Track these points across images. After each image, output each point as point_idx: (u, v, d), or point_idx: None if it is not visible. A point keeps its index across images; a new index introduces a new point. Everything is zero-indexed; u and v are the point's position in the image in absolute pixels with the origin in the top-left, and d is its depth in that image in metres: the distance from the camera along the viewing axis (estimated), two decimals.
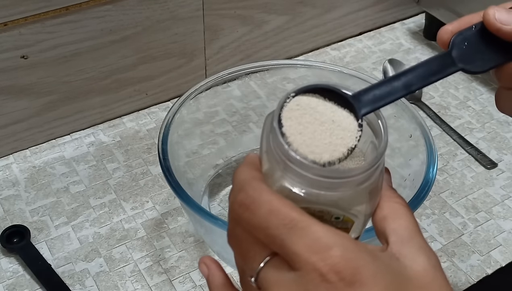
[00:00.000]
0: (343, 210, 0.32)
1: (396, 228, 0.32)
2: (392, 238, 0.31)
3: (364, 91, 0.33)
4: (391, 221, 0.32)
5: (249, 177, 0.32)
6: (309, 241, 0.28)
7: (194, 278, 0.57)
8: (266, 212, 0.29)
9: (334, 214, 0.32)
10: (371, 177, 0.32)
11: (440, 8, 0.83)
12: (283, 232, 0.29)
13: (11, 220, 0.61)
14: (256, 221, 0.30)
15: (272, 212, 0.29)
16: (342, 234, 0.29)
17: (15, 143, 0.68)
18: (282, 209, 0.29)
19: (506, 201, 0.65)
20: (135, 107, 0.75)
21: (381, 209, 0.33)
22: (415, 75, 0.34)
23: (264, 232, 0.30)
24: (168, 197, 0.64)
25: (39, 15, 0.62)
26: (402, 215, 0.32)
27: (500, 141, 0.73)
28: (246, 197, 0.30)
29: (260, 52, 0.81)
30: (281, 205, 0.30)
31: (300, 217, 0.29)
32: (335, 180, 0.31)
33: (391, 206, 0.33)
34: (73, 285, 0.56)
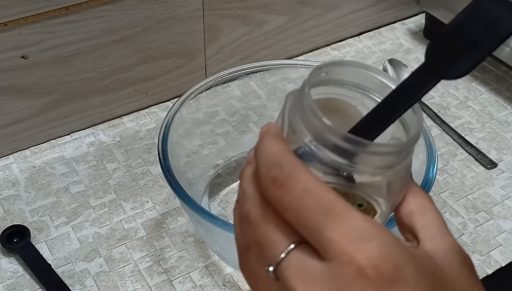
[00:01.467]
0: (369, 195, 0.31)
1: (426, 224, 0.30)
2: (423, 235, 0.29)
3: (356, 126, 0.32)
4: (420, 216, 0.30)
5: (281, 150, 0.28)
6: (346, 228, 0.26)
7: (194, 278, 0.57)
8: (302, 190, 0.27)
9: (358, 200, 0.31)
10: (399, 164, 0.30)
11: (440, 8, 0.83)
12: (318, 214, 0.26)
13: (11, 220, 0.61)
14: (289, 199, 0.27)
15: (308, 191, 0.27)
16: (382, 227, 0.26)
17: (15, 143, 0.68)
18: (319, 190, 0.27)
19: (506, 201, 0.65)
20: (135, 107, 0.75)
21: (407, 204, 0.31)
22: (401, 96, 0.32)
23: (296, 213, 0.27)
24: (168, 197, 0.64)
25: (39, 15, 0.62)
26: (430, 210, 0.31)
27: (500, 142, 0.72)
28: (281, 173, 0.27)
29: (260, 52, 0.81)
30: (318, 185, 0.27)
31: (338, 201, 0.26)
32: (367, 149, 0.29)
33: (418, 201, 0.31)
34: (73, 285, 0.56)
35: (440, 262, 0.28)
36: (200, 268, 0.58)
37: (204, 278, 0.57)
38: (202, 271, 0.57)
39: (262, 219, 0.28)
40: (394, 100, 0.32)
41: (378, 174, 0.30)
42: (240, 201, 0.31)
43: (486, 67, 0.84)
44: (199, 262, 0.58)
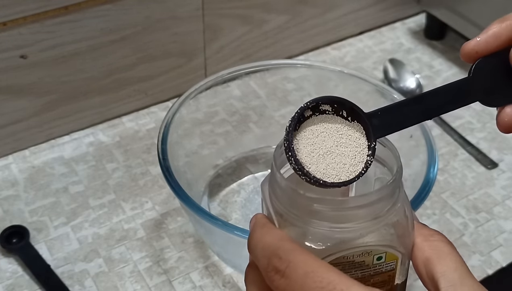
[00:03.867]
0: (383, 244, 0.31)
1: (445, 271, 0.29)
2: (443, 284, 0.28)
3: (381, 112, 0.32)
4: (437, 263, 0.29)
5: (275, 238, 0.29)
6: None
7: (194, 279, 0.57)
8: (303, 275, 0.27)
9: (375, 253, 0.31)
10: (396, 203, 0.31)
11: (440, 7, 0.83)
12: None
13: (10, 220, 0.61)
14: (293, 286, 0.27)
15: (309, 274, 0.27)
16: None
17: (14, 143, 0.68)
18: (318, 270, 0.27)
19: (506, 201, 0.65)
20: (134, 107, 0.75)
21: (421, 251, 0.30)
22: (434, 102, 0.33)
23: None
24: (167, 197, 0.64)
25: (39, 14, 0.61)
26: (447, 254, 0.30)
27: (501, 142, 0.72)
28: (281, 262, 0.27)
29: (260, 52, 0.81)
30: (318, 266, 0.27)
31: (339, 279, 0.26)
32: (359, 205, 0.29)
33: (432, 245, 0.30)
34: (73, 285, 0.56)
35: None
36: (200, 269, 0.57)
37: (204, 278, 0.57)
38: (202, 272, 0.57)
39: None
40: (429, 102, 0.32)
41: (379, 222, 0.30)
42: None
43: None
44: (198, 263, 0.58)
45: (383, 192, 0.30)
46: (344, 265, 0.31)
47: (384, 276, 0.32)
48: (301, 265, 0.27)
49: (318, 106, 0.31)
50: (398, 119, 0.32)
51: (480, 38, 0.34)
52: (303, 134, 0.31)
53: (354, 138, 0.31)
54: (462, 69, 0.83)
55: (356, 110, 0.31)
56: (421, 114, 0.33)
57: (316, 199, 0.30)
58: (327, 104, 0.31)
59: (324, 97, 0.31)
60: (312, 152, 0.31)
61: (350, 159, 0.31)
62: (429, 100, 0.33)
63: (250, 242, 0.30)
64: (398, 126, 0.32)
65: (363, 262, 0.31)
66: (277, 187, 0.31)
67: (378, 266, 0.31)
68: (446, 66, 0.84)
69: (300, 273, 0.27)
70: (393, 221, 0.31)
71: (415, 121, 0.33)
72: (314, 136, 0.31)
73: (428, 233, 0.31)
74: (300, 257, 0.27)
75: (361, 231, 0.30)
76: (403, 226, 0.31)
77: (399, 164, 0.32)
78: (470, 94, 0.33)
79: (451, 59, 0.85)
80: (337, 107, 0.31)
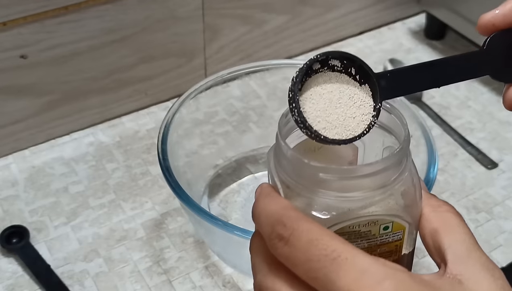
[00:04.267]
0: (390, 214, 0.30)
1: (452, 243, 0.29)
2: (450, 256, 0.28)
3: (390, 74, 0.31)
4: (444, 235, 0.29)
5: (279, 207, 0.28)
6: (355, 274, 0.25)
7: (194, 279, 0.57)
8: (307, 242, 0.26)
9: (381, 223, 0.30)
10: (403, 173, 0.30)
11: (440, 7, 0.83)
12: (326, 264, 0.25)
13: (10, 220, 0.61)
14: (297, 254, 0.26)
15: (312, 242, 0.26)
16: (393, 265, 0.26)
17: (14, 143, 0.68)
18: (323, 238, 0.26)
19: (506, 201, 0.65)
20: (134, 107, 0.75)
21: (429, 221, 0.30)
22: (445, 70, 0.32)
23: (305, 266, 0.26)
24: (167, 197, 0.64)
25: (39, 14, 0.61)
26: (455, 226, 0.29)
27: (501, 142, 0.72)
28: (285, 229, 0.27)
29: (260, 52, 0.81)
30: (322, 234, 0.26)
31: (343, 247, 0.26)
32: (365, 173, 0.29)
33: (440, 216, 0.30)
34: (73, 285, 0.56)
35: (469, 285, 0.27)
36: (200, 269, 0.57)
37: (204, 278, 0.57)
38: (202, 272, 0.57)
39: (274, 287, 0.28)
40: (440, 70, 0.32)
41: (386, 191, 0.30)
42: (253, 278, 0.30)
43: None
44: (198, 263, 0.58)
45: (390, 160, 0.30)
46: (350, 235, 0.30)
47: (391, 246, 0.32)
48: (305, 233, 0.26)
49: (328, 61, 0.31)
50: (407, 83, 0.32)
51: (498, 10, 0.33)
52: (309, 89, 0.31)
53: (361, 99, 0.31)
54: None
55: (365, 69, 0.31)
56: (431, 81, 0.32)
57: (321, 167, 0.29)
58: (337, 59, 0.31)
59: (335, 52, 0.31)
60: (316, 108, 0.30)
61: (354, 118, 0.30)
62: (440, 68, 0.32)
63: (254, 210, 0.30)
64: (406, 90, 0.32)
65: (369, 232, 0.30)
66: (282, 156, 0.31)
67: (384, 236, 0.31)
68: None
69: (304, 240, 0.26)
70: (400, 190, 0.30)
71: (423, 87, 0.33)
72: (320, 93, 0.31)
73: (436, 204, 0.31)
74: (304, 225, 0.27)
75: (367, 200, 0.30)
76: (411, 195, 0.31)
77: (406, 132, 0.31)
78: (482, 67, 0.33)
79: None
80: (346, 64, 0.31)
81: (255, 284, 0.29)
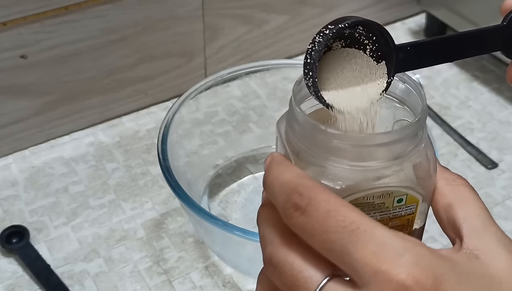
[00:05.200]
0: (404, 186, 0.29)
1: (467, 217, 0.28)
2: (465, 230, 0.28)
3: (410, 47, 0.31)
4: (459, 209, 0.28)
5: (295, 175, 0.27)
6: (375, 246, 0.24)
7: (194, 279, 0.57)
8: (324, 212, 0.25)
9: (395, 195, 0.29)
10: (418, 145, 0.30)
11: (440, 7, 0.83)
12: (344, 236, 0.25)
13: (10, 220, 0.61)
14: (313, 224, 0.25)
15: (330, 212, 0.25)
16: (412, 239, 0.25)
17: (14, 143, 0.68)
18: (341, 209, 0.25)
19: (507, 201, 0.65)
20: (134, 107, 0.75)
21: (443, 195, 0.29)
22: (463, 45, 0.32)
23: (322, 237, 0.25)
24: (167, 197, 0.64)
25: (39, 14, 0.61)
26: (470, 200, 0.29)
27: (501, 142, 0.72)
28: (301, 199, 0.26)
29: (260, 52, 0.81)
30: (340, 204, 0.26)
31: (363, 219, 0.25)
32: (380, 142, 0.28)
33: (454, 190, 0.29)
34: (73, 285, 0.56)
35: (486, 260, 0.27)
36: (200, 269, 0.57)
37: (204, 278, 0.57)
38: (202, 272, 0.57)
39: (286, 259, 0.27)
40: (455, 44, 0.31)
41: (401, 163, 0.29)
42: (262, 250, 0.29)
43: (487, 67, 0.84)
44: (199, 263, 0.58)
45: (406, 131, 0.29)
46: (363, 206, 0.30)
47: (403, 220, 0.31)
48: (323, 204, 0.26)
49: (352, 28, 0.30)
50: (423, 57, 0.31)
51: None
52: (325, 60, 0.30)
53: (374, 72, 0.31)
54: (462, 69, 0.83)
55: (385, 39, 0.30)
56: (446, 56, 0.32)
57: (337, 134, 0.28)
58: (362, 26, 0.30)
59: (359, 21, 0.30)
60: (329, 79, 0.30)
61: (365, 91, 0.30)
62: (458, 42, 0.32)
63: (266, 179, 0.28)
64: (421, 64, 0.31)
65: (383, 204, 0.30)
66: (295, 123, 0.30)
67: (398, 208, 0.30)
68: (446, 66, 0.84)
69: (322, 211, 0.25)
70: (415, 162, 0.30)
71: (438, 61, 0.32)
72: (336, 64, 0.30)
73: (451, 177, 0.30)
74: (322, 195, 0.26)
75: (383, 170, 0.29)
76: (426, 168, 0.30)
77: (424, 104, 0.31)
78: (497, 42, 0.33)
79: None
80: (366, 32, 0.30)
81: (265, 256, 0.28)
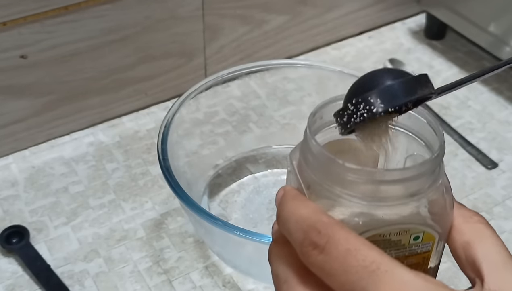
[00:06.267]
0: (420, 223, 0.29)
1: (486, 255, 0.28)
2: (486, 269, 0.27)
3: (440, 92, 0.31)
4: (478, 247, 0.28)
5: (310, 211, 0.27)
6: (396, 287, 0.24)
7: (194, 279, 0.57)
8: (344, 252, 0.25)
9: (412, 232, 0.29)
10: (436, 181, 0.29)
11: (440, 7, 0.83)
12: (364, 276, 0.24)
13: (10, 220, 0.61)
14: (333, 264, 0.25)
15: (351, 251, 0.25)
16: (433, 280, 0.24)
17: (14, 143, 0.68)
18: (362, 248, 0.25)
19: (506, 201, 0.65)
20: (134, 107, 0.75)
21: (461, 233, 0.29)
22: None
23: (342, 278, 0.25)
24: (167, 197, 0.64)
25: (39, 14, 0.61)
26: (488, 237, 0.29)
27: (501, 142, 0.72)
28: (320, 237, 0.25)
29: (260, 52, 0.81)
30: (360, 243, 0.25)
31: (381, 258, 0.25)
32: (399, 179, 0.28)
33: (472, 227, 0.29)
34: (73, 285, 0.56)
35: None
36: (200, 269, 0.57)
37: (204, 278, 0.57)
38: (202, 272, 0.57)
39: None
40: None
41: (419, 199, 0.29)
42: (276, 289, 0.28)
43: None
44: (199, 263, 0.58)
45: (425, 167, 0.29)
46: (379, 243, 0.29)
47: (418, 258, 0.31)
48: (342, 242, 0.25)
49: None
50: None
51: None
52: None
53: None
54: (462, 69, 0.83)
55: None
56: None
57: (354, 169, 0.28)
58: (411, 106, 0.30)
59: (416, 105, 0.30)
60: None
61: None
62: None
63: (280, 214, 0.28)
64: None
65: (399, 241, 0.29)
66: (310, 155, 0.29)
67: (414, 246, 0.30)
68: (446, 66, 0.84)
69: (341, 250, 0.25)
70: (432, 199, 0.29)
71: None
72: None
73: (468, 214, 0.30)
74: (341, 233, 0.25)
75: (401, 207, 0.28)
76: (443, 205, 0.30)
77: (442, 139, 0.30)
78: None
79: (451, 59, 0.85)
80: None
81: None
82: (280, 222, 0.28)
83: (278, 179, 0.65)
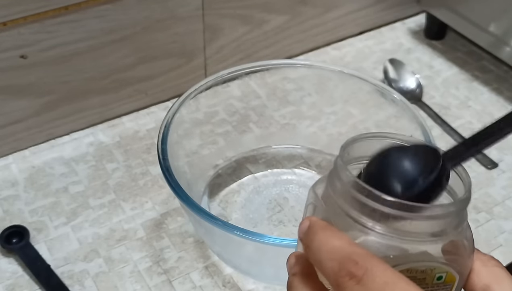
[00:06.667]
0: (444, 263, 0.29)
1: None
2: None
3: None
4: (497, 289, 0.29)
5: (344, 242, 0.27)
6: None
7: (194, 279, 0.57)
8: (382, 284, 0.25)
9: (437, 272, 0.29)
10: (461, 224, 0.30)
11: (440, 7, 0.83)
12: None
13: (10, 220, 0.61)
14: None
15: (388, 285, 0.25)
16: None
17: (14, 143, 0.68)
18: (398, 282, 0.25)
19: (506, 201, 0.65)
20: (134, 107, 0.75)
21: (480, 277, 0.30)
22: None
23: None
24: (167, 197, 0.64)
25: (39, 14, 0.61)
26: (505, 280, 0.29)
27: (501, 142, 0.72)
28: (357, 267, 0.26)
29: (260, 52, 0.81)
30: (397, 277, 0.25)
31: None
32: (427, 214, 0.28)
33: (491, 271, 0.30)
34: (73, 285, 0.56)
35: None
36: (200, 269, 0.57)
37: (204, 278, 0.57)
38: (202, 272, 0.57)
39: None
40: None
41: (447, 239, 0.29)
42: None
43: (486, 67, 0.84)
44: (199, 263, 0.58)
45: (456, 206, 0.29)
46: None
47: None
48: (380, 274, 0.25)
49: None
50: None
51: None
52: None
53: None
54: (462, 69, 0.83)
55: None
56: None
57: (393, 202, 0.28)
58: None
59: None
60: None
61: None
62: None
63: (311, 245, 0.28)
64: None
65: (424, 280, 0.29)
66: (341, 186, 0.29)
67: (436, 286, 0.30)
68: (446, 66, 0.84)
69: (379, 282, 0.25)
70: (458, 240, 0.30)
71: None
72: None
73: (485, 258, 0.31)
74: (379, 265, 0.26)
75: (430, 244, 0.29)
76: (466, 247, 0.30)
77: (468, 181, 0.31)
78: None
79: (451, 59, 0.85)
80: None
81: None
82: (311, 252, 0.28)
83: (278, 179, 0.65)
